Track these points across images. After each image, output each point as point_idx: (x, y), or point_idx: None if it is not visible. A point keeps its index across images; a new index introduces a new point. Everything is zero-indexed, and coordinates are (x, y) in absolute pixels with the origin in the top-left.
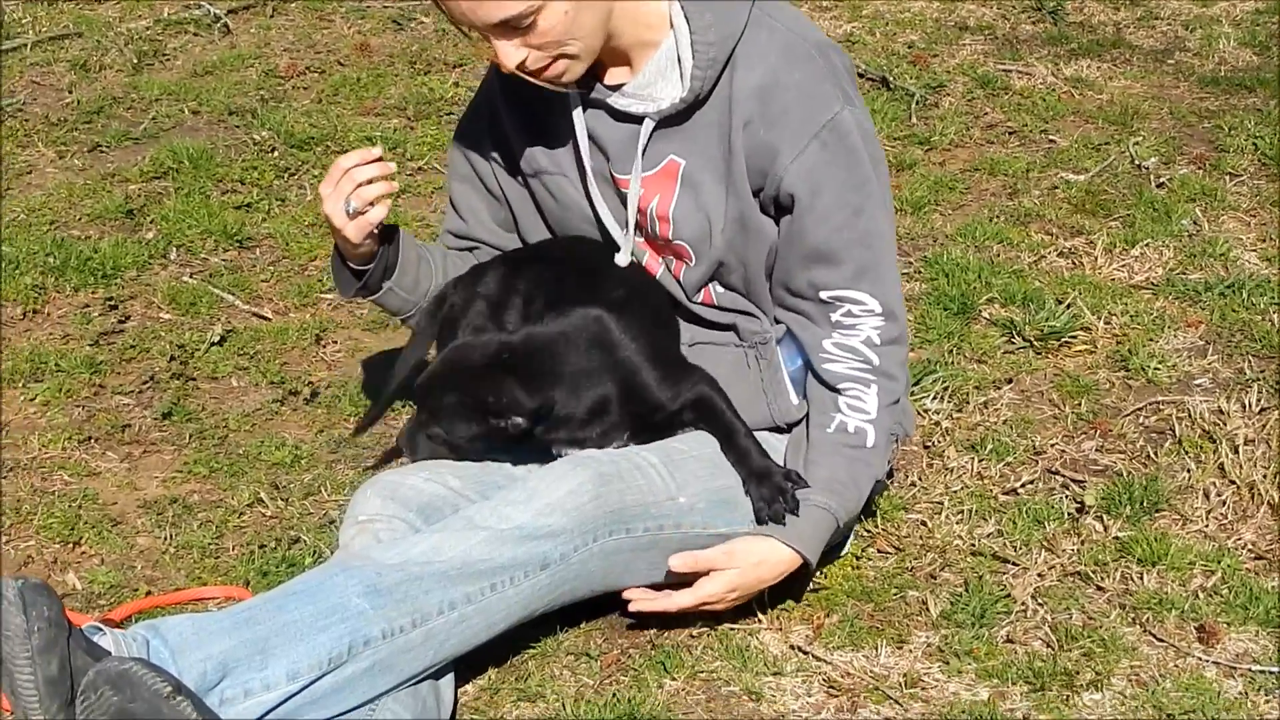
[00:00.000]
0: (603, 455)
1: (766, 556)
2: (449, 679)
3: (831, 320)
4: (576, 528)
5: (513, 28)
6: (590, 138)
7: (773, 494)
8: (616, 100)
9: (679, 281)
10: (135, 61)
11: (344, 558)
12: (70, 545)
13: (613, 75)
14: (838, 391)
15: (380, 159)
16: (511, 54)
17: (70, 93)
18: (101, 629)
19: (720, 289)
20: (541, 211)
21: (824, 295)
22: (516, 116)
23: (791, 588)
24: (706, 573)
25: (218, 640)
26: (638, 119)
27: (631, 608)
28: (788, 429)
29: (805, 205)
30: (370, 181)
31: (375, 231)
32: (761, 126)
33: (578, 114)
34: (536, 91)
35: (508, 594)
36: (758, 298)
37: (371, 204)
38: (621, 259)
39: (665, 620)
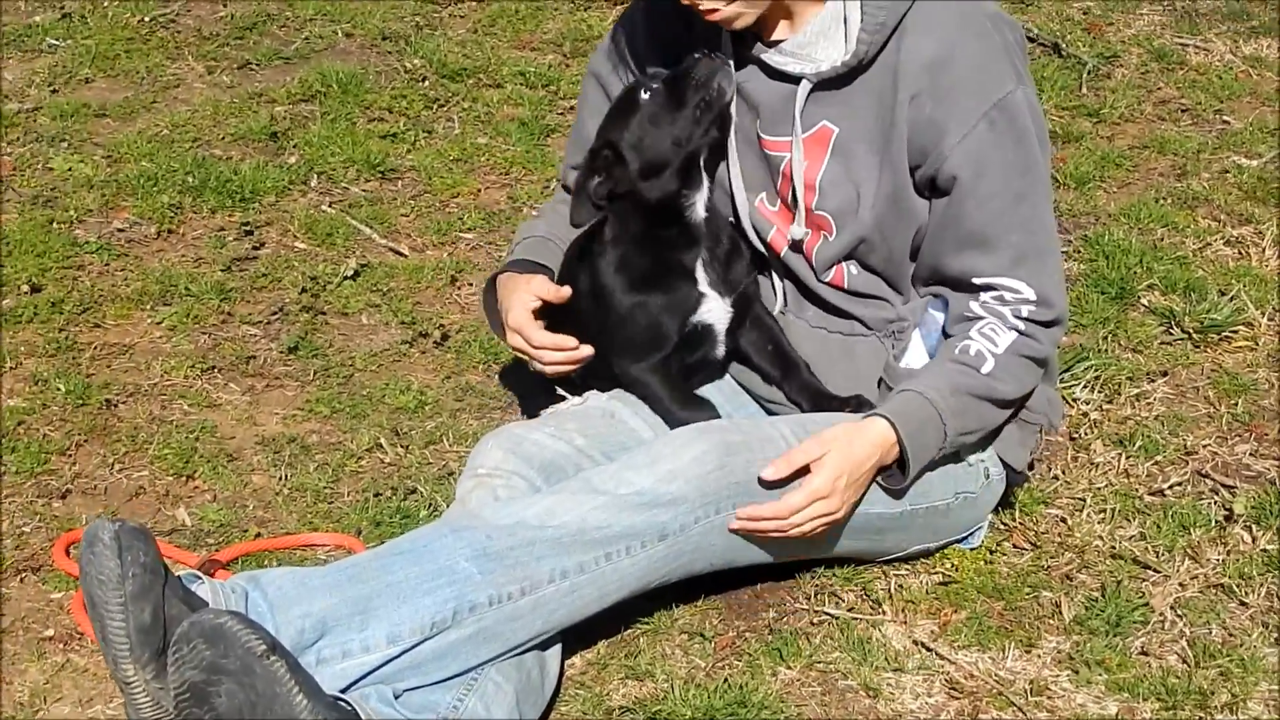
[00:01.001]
0: (730, 425)
1: (855, 434)
2: (555, 651)
3: (980, 300)
4: (699, 497)
5: None
6: (739, 94)
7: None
8: (772, 57)
9: (809, 260)
10: None
11: (455, 517)
12: (184, 479)
13: (776, 32)
14: (972, 325)
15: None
16: None
17: (225, 6)
18: (200, 577)
19: (855, 270)
20: None
21: (977, 281)
22: (658, 53)
23: (917, 579)
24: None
25: (318, 597)
26: (794, 79)
27: (735, 525)
28: None
29: (967, 188)
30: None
31: None
32: (930, 102)
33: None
34: (687, 27)
35: (622, 564)
36: (896, 280)
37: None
38: (746, 224)
39: (795, 576)
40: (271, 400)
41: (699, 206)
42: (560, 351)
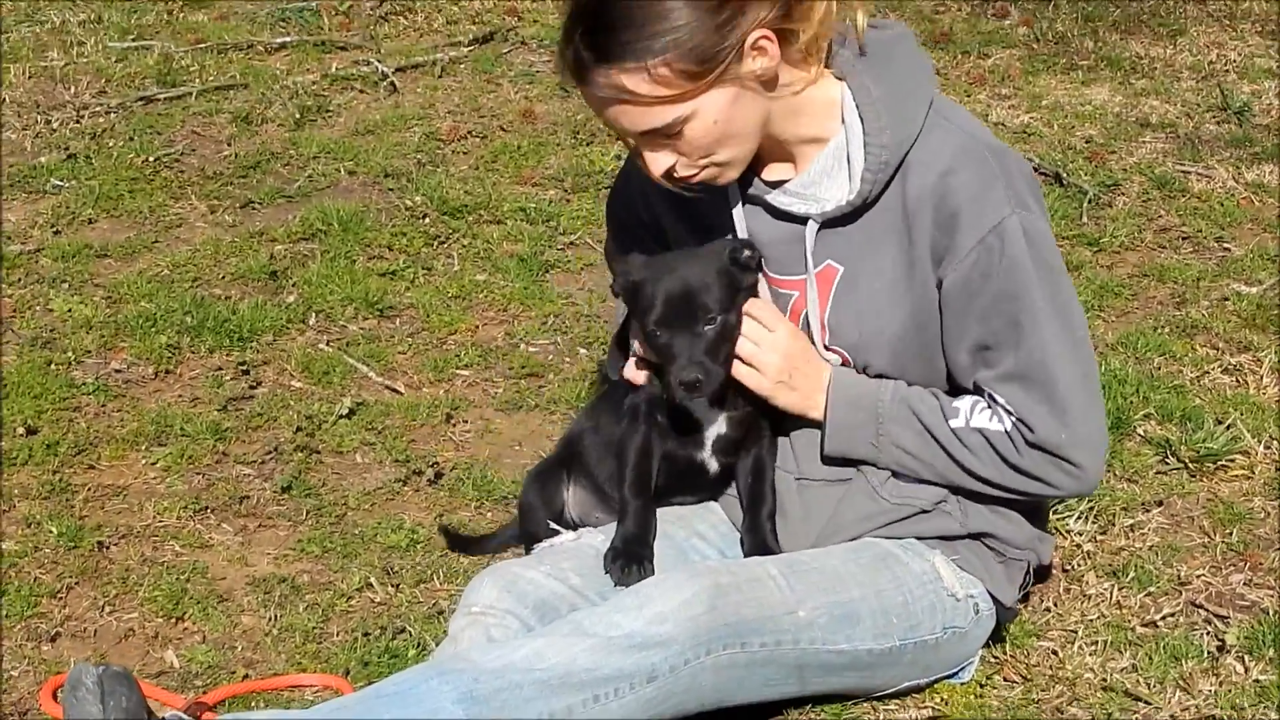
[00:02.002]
0: (721, 566)
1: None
2: None
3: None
4: (689, 639)
5: (661, 135)
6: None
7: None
8: (777, 198)
9: None
10: (298, 116)
11: (442, 660)
12: (173, 620)
13: (772, 170)
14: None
15: None
16: (660, 161)
17: (229, 145)
18: (182, 718)
19: None
20: None
21: (976, 382)
22: (666, 200)
23: (906, 714)
24: None
25: None
26: (799, 219)
27: None
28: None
29: (960, 309)
30: None
31: None
32: (935, 230)
33: (737, 212)
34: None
35: (610, 706)
36: None
37: None
38: None
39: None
40: (263, 540)
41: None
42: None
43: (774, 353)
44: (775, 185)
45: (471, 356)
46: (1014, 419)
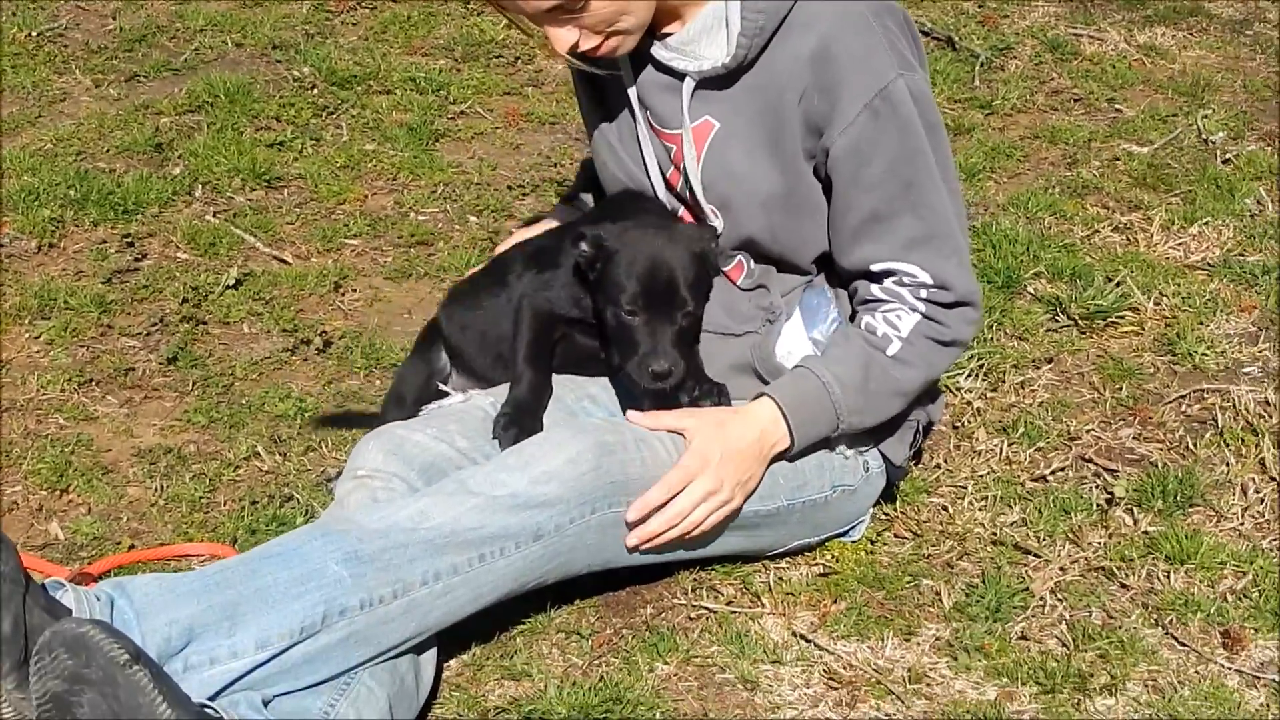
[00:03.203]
0: (607, 424)
1: (728, 416)
2: (430, 654)
3: (881, 285)
4: (574, 498)
5: (565, 11)
6: (640, 81)
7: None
8: (659, 51)
9: None
10: None
11: (326, 521)
12: (58, 492)
13: (664, 27)
14: (876, 307)
15: None
16: (564, 38)
17: (114, 19)
18: (64, 585)
19: (752, 263)
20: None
21: (874, 268)
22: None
23: (797, 571)
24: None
25: (185, 603)
26: (679, 75)
27: (632, 541)
28: None
29: (850, 178)
30: None
31: None
32: (816, 95)
33: (626, 72)
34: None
35: (497, 565)
36: (795, 269)
37: None
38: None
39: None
40: (149, 412)
41: None
42: None
43: (707, 478)
44: (661, 39)
45: (360, 226)
46: (927, 290)
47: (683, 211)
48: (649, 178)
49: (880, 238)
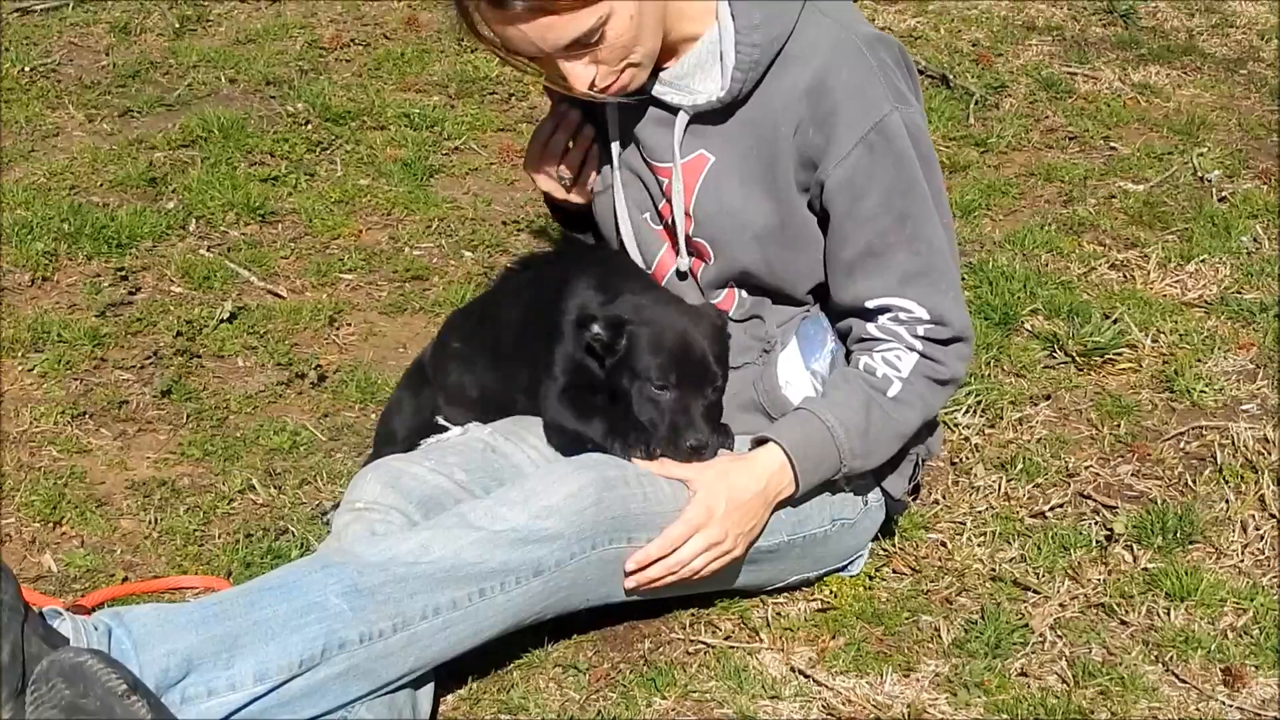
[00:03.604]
0: (607, 459)
1: (735, 462)
2: (428, 689)
3: (877, 323)
4: (575, 533)
5: (582, 45)
6: (625, 124)
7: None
8: (654, 87)
9: (696, 281)
10: (177, 26)
11: (326, 554)
12: (51, 525)
13: (660, 64)
14: (873, 347)
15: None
16: (582, 74)
17: (107, 55)
18: (61, 614)
19: (745, 294)
20: None
21: (870, 305)
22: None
23: (795, 606)
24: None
25: (184, 634)
26: (673, 109)
27: (629, 581)
28: None
29: (845, 211)
30: (569, 149)
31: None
32: (811, 128)
33: (611, 113)
34: None
35: (497, 600)
36: (789, 300)
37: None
38: (630, 245)
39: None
40: (143, 444)
41: None
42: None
43: (711, 530)
44: (654, 74)
45: (355, 260)
46: (925, 326)
47: (665, 249)
48: (616, 215)
49: (876, 273)
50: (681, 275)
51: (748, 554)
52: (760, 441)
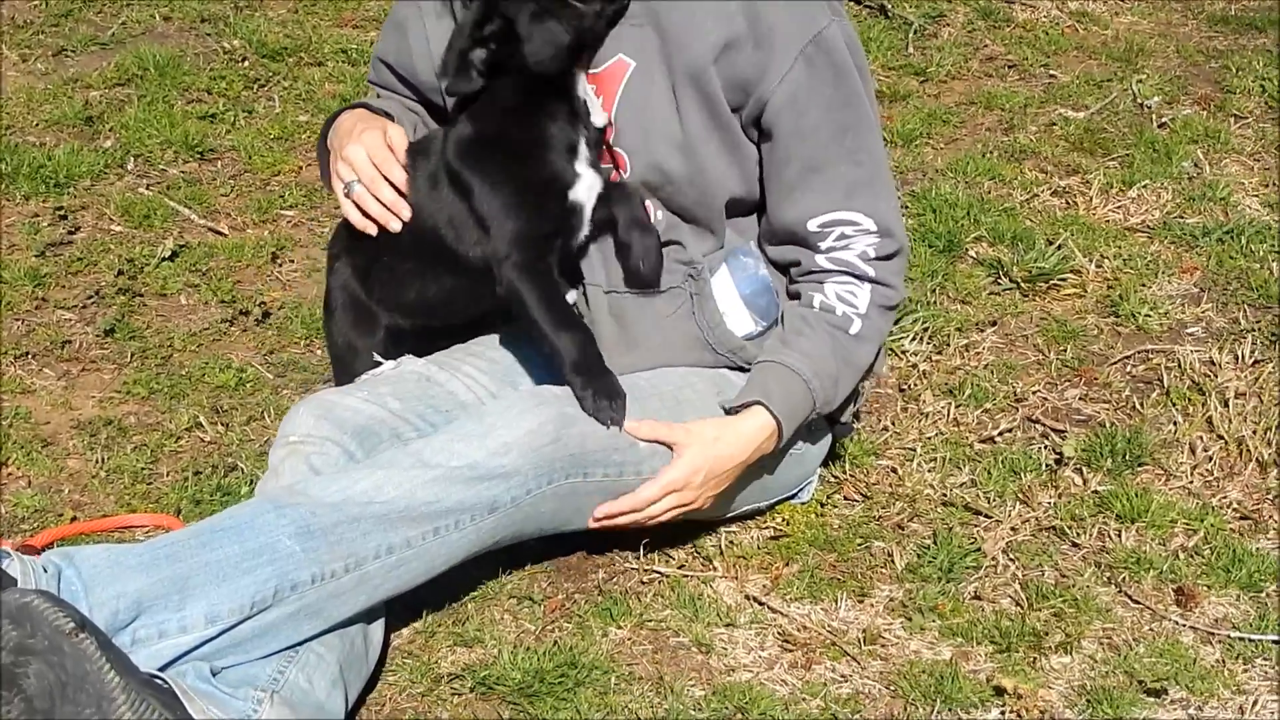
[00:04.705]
0: (566, 393)
1: (725, 429)
2: (379, 622)
3: (823, 247)
4: (532, 470)
5: None
6: None
7: (602, 392)
8: None
9: None
10: None
11: (276, 492)
12: None
13: None
14: (824, 280)
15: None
16: None
17: None
18: (9, 554)
19: (661, 214)
20: None
21: (813, 224)
22: None
23: (749, 534)
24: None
25: (134, 576)
26: None
27: (593, 523)
28: (745, 367)
29: (790, 127)
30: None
31: None
32: (750, 43)
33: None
34: None
35: (451, 538)
36: (706, 222)
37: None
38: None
39: (626, 537)
40: (88, 384)
41: (583, 82)
42: (390, 196)
43: (684, 493)
44: None
45: (296, 197)
46: (873, 241)
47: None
48: None
49: (819, 188)
50: None
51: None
52: (750, 405)
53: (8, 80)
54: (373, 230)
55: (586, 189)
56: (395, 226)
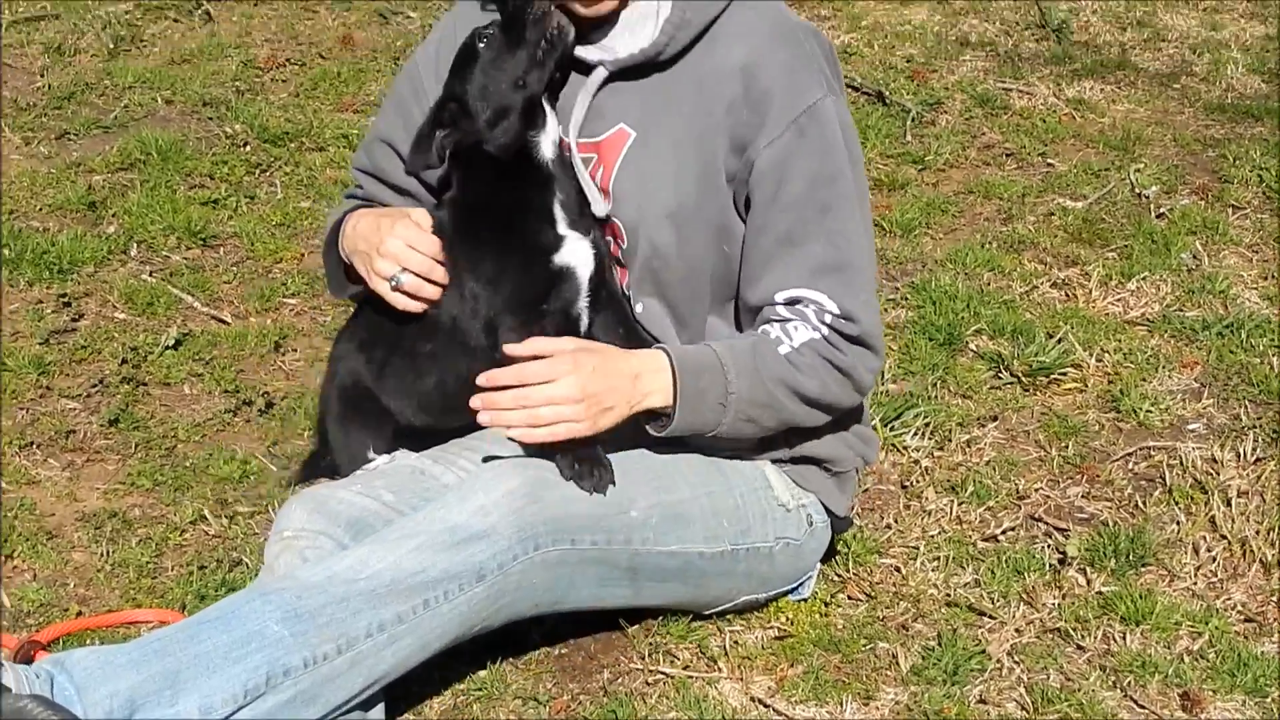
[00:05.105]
0: (546, 462)
1: (608, 347)
2: (379, 710)
3: (785, 308)
4: (514, 532)
5: None
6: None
7: (584, 459)
8: (580, 49)
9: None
10: (111, 46)
11: (265, 581)
12: (2, 558)
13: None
14: (775, 320)
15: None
16: None
17: (42, 76)
18: (1, 664)
19: (644, 305)
20: None
21: (780, 297)
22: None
23: (753, 634)
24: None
25: (125, 674)
26: (593, 68)
27: (474, 402)
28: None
29: (769, 195)
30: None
31: None
32: (745, 107)
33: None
34: None
35: (442, 610)
36: (689, 308)
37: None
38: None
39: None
40: (92, 475)
41: (546, 145)
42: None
43: (568, 383)
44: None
45: (298, 284)
46: (832, 316)
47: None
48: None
49: (790, 263)
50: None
51: (689, 551)
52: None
53: (11, 164)
54: (421, 308)
55: (573, 253)
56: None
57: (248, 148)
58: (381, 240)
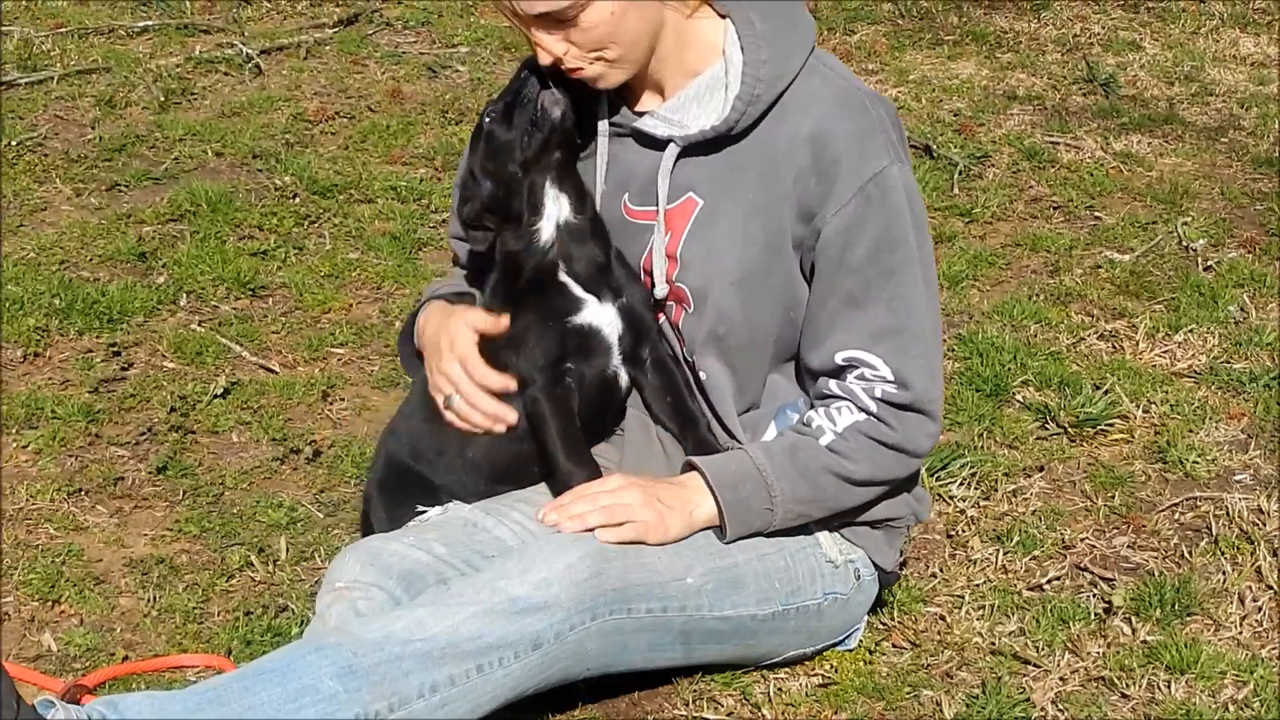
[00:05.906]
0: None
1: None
2: None
3: (840, 381)
4: (574, 604)
5: (556, 21)
6: (610, 166)
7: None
8: (645, 122)
9: (678, 330)
10: (162, 99)
11: (320, 633)
12: (50, 604)
13: (645, 103)
14: (826, 404)
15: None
16: (553, 48)
17: (93, 129)
18: (54, 704)
19: (707, 370)
20: None
21: (839, 358)
22: None
23: (797, 681)
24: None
25: None
26: (662, 144)
27: (548, 518)
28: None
29: (835, 260)
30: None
31: None
32: (813, 176)
33: (601, 144)
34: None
35: (495, 675)
36: (751, 375)
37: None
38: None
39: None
40: (140, 521)
41: (545, 228)
42: (492, 407)
43: (630, 497)
44: (644, 115)
45: (346, 334)
46: (883, 388)
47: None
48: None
49: (851, 325)
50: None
51: (741, 614)
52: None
53: (62, 215)
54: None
55: (595, 315)
56: (500, 430)
57: (297, 199)
58: (440, 357)
